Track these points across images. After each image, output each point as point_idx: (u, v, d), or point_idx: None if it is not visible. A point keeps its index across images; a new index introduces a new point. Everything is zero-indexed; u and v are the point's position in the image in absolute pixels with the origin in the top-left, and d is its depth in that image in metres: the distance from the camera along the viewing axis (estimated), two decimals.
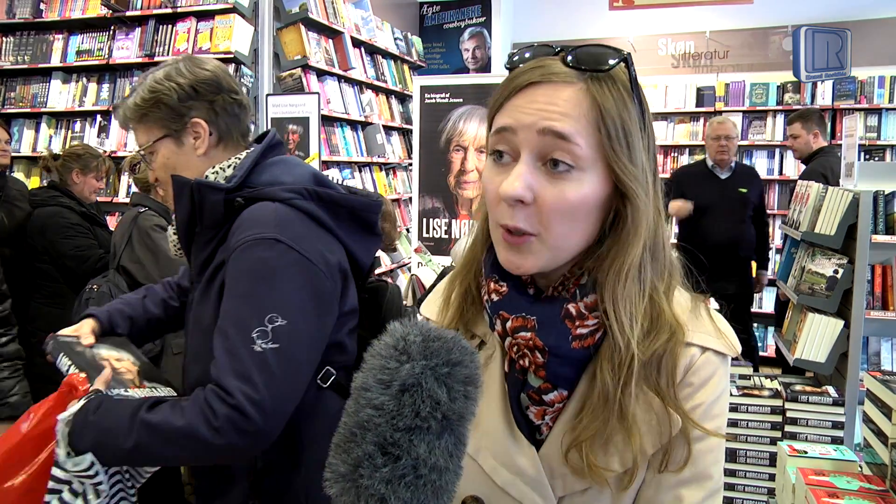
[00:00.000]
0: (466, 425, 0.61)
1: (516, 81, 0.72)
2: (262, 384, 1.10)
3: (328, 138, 4.54)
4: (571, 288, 0.74)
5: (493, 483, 0.77)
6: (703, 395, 0.73)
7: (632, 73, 0.71)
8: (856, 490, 1.31)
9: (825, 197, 2.61)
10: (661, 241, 0.76)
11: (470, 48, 6.94)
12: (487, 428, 0.78)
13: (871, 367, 2.62)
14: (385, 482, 0.55)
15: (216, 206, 1.24)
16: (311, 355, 1.21)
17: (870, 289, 2.54)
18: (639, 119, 0.72)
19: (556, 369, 0.73)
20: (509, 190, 0.69)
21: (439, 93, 4.21)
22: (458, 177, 4.20)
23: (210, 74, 1.32)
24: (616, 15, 6.02)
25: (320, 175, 1.35)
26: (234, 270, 1.18)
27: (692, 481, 0.73)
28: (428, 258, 4.07)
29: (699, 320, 0.76)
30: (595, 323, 0.72)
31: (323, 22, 4.52)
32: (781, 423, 2.19)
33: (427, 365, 0.58)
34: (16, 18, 4.56)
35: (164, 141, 1.31)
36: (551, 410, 0.75)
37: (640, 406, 0.72)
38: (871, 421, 1.42)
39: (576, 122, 0.68)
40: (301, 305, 1.17)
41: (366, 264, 1.38)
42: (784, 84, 5.87)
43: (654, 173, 0.75)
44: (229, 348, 1.12)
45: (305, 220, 1.24)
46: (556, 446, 0.75)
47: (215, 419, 1.08)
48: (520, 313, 0.73)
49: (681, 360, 0.73)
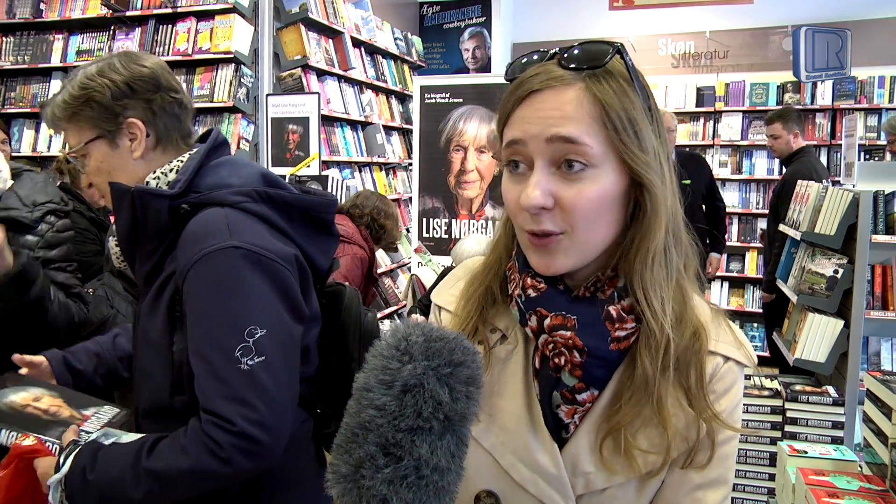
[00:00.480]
0: (468, 426, 0.61)
1: (518, 92, 0.73)
2: (259, 403, 1.05)
3: (328, 138, 4.54)
4: (607, 290, 0.74)
5: (511, 479, 0.78)
6: (725, 403, 0.76)
7: (628, 63, 0.72)
8: (856, 490, 1.31)
9: (825, 197, 2.61)
10: (679, 223, 0.77)
11: (470, 48, 6.94)
12: (507, 424, 0.79)
13: (871, 367, 2.61)
14: (387, 483, 0.55)
15: (160, 215, 1.16)
16: (295, 354, 1.16)
17: (870, 289, 2.54)
18: (643, 106, 0.72)
19: (592, 370, 0.74)
20: (529, 201, 0.70)
21: (439, 93, 4.21)
22: (458, 177, 4.20)
23: (148, 71, 1.23)
24: (616, 15, 6.02)
25: (270, 174, 1.27)
26: (197, 288, 1.10)
27: (712, 485, 0.76)
28: (428, 258, 4.07)
29: (722, 330, 0.79)
30: (633, 326, 0.74)
31: (323, 22, 4.52)
32: (781, 423, 2.19)
33: (429, 365, 0.58)
34: (16, 18, 4.56)
35: (96, 143, 1.22)
36: (581, 410, 0.76)
37: (673, 402, 0.74)
38: (871, 421, 1.42)
39: (581, 123, 0.69)
40: (274, 308, 1.12)
41: (323, 267, 1.31)
42: (784, 84, 5.87)
43: (668, 156, 0.75)
44: (215, 373, 1.06)
45: (257, 221, 1.17)
46: (581, 444, 0.76)
47: (221, 451, 1.03)
48: (559, 311, 0.74)
49: (707, 366, 0.76)
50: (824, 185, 2.78)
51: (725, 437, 0.76)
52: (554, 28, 6.74)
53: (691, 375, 0.74)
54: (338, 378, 1.32)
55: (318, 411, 1.30)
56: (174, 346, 1.14)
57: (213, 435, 1.03)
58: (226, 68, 4.08)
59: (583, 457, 0.75)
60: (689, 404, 0.74)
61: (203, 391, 1.07)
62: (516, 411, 0.78)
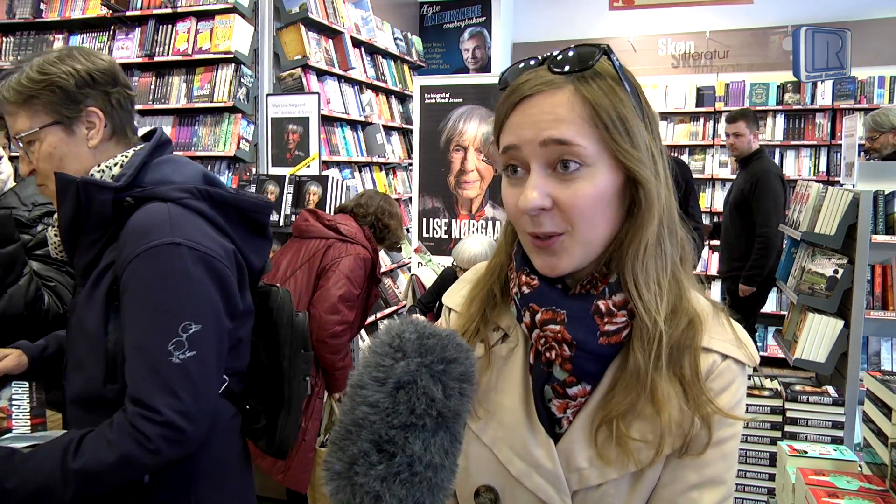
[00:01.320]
0: (462, 423, 0.61)
1: (510, 99, 0.75)
2: (187, 395, 1.10)
3: (328, 138, 4.54)
4: (600, 286, 0.76)
5: (508, 473, 0.79)
6: (723, 401, 0.76)
7: (615, 63, 0.74)
8: (856, 490, 1.31)
9: (825, 197, 2.61)
10: (673, 216, 0.78)
11: (470, 48, 6.94)
12: (505, 419, 0.80)
13: (871, 367, 2.61)
14: (380, 479, 0.55)
15: (104, 206, 1.18)
16: (223, 348, 1.21)
17: (870, 289, 2.54)
18: (634, 104, 0.74)
19: (582, 363, 0.75)
20: (527, 203, 0.72)
21: (439, 93, 4.21)
22: (458, 177, 4.20)
23: (107, 65, 1.25)
24: (616, 15, 6.02)
25: (210, 174, 1.31)
26: (136, 281, 1.13)
27: (708, 484, 0.75)
28: (428, 258, 4.07)
29: (722, 327, 0.79)
30: (623, 321, 0.75)
31: (323, 22, 4.52)
32: (781, 423, 2.19)
33: (422, 362, 0.58)
34: (16, 18, 4.56)
35: (52, 128, 1.21)
36: (573, 404, 0.77)
37: (668, 393, 0.74)
38: (871, 421, 1.42)
39: (573, 125, 0.71)
40: (211, 305, 1.16)
41: (256, 267, 1.34)
42: (784, 84, 5.87)
43: (661, 152, 0.77)
44: (148, 364, 1.10)
45: (198, 218, 1.21)
46: (575, 439, 0.77)
47: (150, 442, 1.07)
48: (550, 306, 0.75)
49: (703, 363, 0.76)
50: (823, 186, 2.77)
51: (724, 434, 0.75)
52: (554, 28, 6.74)
53: (685, 366, 0.75)
54: (267, 375, 1.38)
55: (247, 407, 1.35)
56: (109, 336, 1.16)
57: (140, 427, 1.07)
58: (226, 68, 4.08)
59: (576, 452, 0.76)
60: (685, 395, 0.74)
61: (134, 381, 1.10)
62: (514, 406, 0.80)
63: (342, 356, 2.69)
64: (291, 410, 1.37)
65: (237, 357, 1.29)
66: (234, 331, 1.25)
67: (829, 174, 5.76)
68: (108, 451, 1.08)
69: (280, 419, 1.36)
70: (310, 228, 2.79)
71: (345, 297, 2.63)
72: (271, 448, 1.37)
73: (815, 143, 5.83)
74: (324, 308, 2.61)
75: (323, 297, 2.63)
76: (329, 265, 2.69)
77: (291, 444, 1.39)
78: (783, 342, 2.84)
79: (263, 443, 1.37)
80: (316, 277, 2.70)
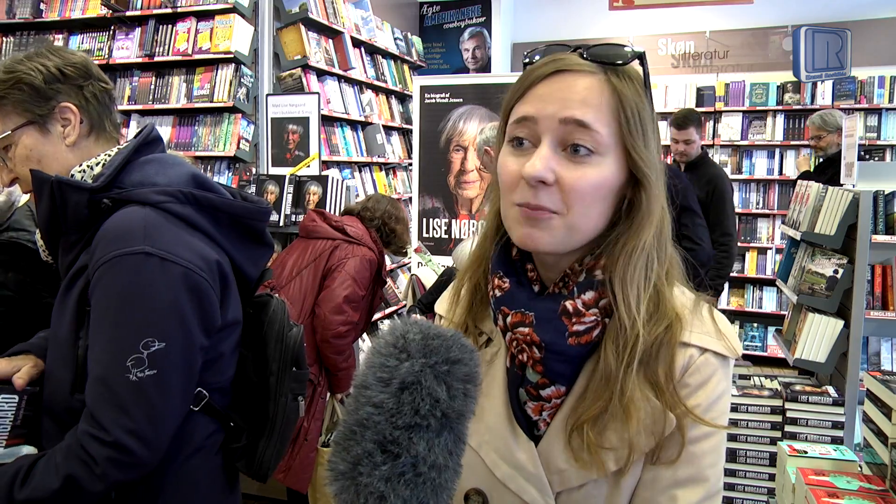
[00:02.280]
0: (466, 423, 0.61)
1: (537, 72, 0.75)
2: (141, 414, 1.03)
3: (328, 138, 4.54)
4: (570, 285, 0.76)
5: (494, 477, 0.79)
6: (701, 397, 0.74)
7: (646, 71, 0.75)
8: (856, 490, 1.31)
9: (825, 197, 2.61)
10: (667, 234, 0.78)
11: (470, 48, 6.94)
12: (490, 423, 0.80)
13: (871, 367, 2.61)
14: (384, 480, 0.55)
15: (79, 208, 1.11)
16: (193, 367, 1.12)
17: (870, 289, 2.54)
18: (651, 113, 0.75)
19: (552, 365, 0.74)
20: (532, 170, 0.71)
21: (439, 93, 4.21)
22: (458, 177, 4.20)
23: (79, 60, 1.20)
24: (616, 15, 6.02)
25: (201, 176, 1.22)
26: (102, 291, 1.06)
27: (688, 482, 0.74)
28: (428, 258, 4.07)
29: (700, 320, 0.77)
30: (592, 320, 0.74)
31: (323, 22, 4.52)
32: (781, 423, 2.19)
33: (427, 363, 0.58)
34: (16, 18, 4.55)
35: (25, 129, 1.15)
36: (549, 406, 0.77)
37: (639, 396, 0.73)
38: (871, 421, 1.42)
39: (596, 111, 0.72)
40: (180, 321, 1.08)
41: (252, 275, 1.26)
42: (784, 84, 5.87)
43: (661, 165, 0.77)
44: (103, 378, 1.04)
45: (179, 224, 1.13)
46: (553, 442, 0.76)
47: (96, 465, 1.01)
48: (519, 308, 0.75)
49: (679, 359, 0.74)
50: (823, 186, 2.77)
51: (700, 433, 0.73)
52: (554, 28, 6.73)
53: (659, 369, 0.73)
54: (254, 391, 1.28)
55: (230, 424, 1.25)
56: (80, 342, 1.10)
57: (88, 448, 1.01)
58: (226, 68, 4.07)
59: (555, 454, 0.76)
60: (658, 398, 0.73)
61: (90, 396, 1.05)
62: (497, 410, 0.80)
63: (345, 357, 2.70)
64: (274, 432, 1.27)
65: (218, 371, 1.21)
66: (214, 346, 1.17)
67: None
68: (53, 475, 1.01)
69: (261, 441, 1.26)
70: (317, 229, 2.80)
71: (350, 298, 2.64)
72: (251, 469, 1.28)
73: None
74: (329, 308, 2.62)
75: (328, 298, 2.64)
76: (335, 266, 2.70)
77: (273, 468, 1.30)
78: (783, 342, 2.84)
79: (243, 463, 1.28)
80: (322, 277, 2.71)
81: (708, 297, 0.80)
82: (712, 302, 0.81)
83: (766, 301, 5.85)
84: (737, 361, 2.56)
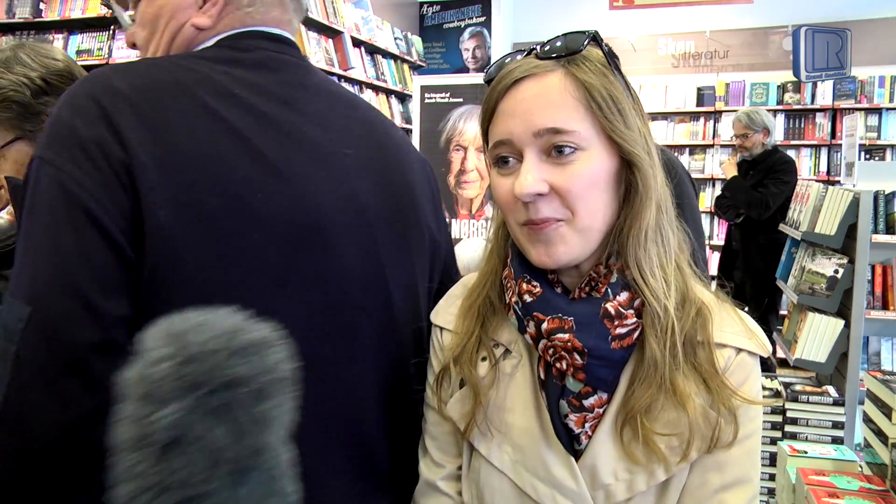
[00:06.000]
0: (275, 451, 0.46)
1: (499, 86, 0.73)
2: None
3: None
4: (601, 287, 0.73)
5: (529, 498, 0.74)
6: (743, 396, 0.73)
7: (604, 49, 0.73)
8: (856, 490, 1.31)
9: (825, 197, 2.61)
10: (669, 208, 0.76)
11: (470, 48, 6.94)
12: (519, 441, 0.76)
13: (871, 367, 2.61)
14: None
15: None
16: None
17: (870, 289, 2.54)
18: (623, 87, 0.73)
19: (595, 371, 0.72)
20: (523, 189, 0.69)
21: (439, 93, 4.21)
22: (458, 176, 4.20)
23: (62, 65, 1.16)
24: (616, 15, 6.02)
25: None
26: None
27: (735, 485, 0.72)
28: None
29: (730, 319, 0.76)
30: (633, 322, 0.72)
31: (323, 21, 4.51)
32: (781, 423, 2.19)
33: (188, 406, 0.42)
34: (16, 18, 4.55)
35: (16, 144, 1.14)
36: (591, 417, 0.73)
37: (689, 383, 0.71)
38: (871, 421, 1.42)
39: (566, 108, 0.70)
40: None
41: None
42: (784, 84, 5.87)
43: (651, 138, 0.75)
44: None
45: None
46: (597, 454, 0.73)
47: None
48: (556, 314, 0.72)
49: (718, 360, 0.73)
50: (823, 185, 2.77)
51: (748, 430, 0.72)
52: (554, 28, 6.65)
53: (700, 355, 0.72)
54: None
55: None
56: None
57: None
58: None
59: (601, 468, 0.72)
60: (706, 388, 0.71)
61: None
62: (527, 426, 0.76)
63: None
64: None
65: None
66: None
67: (829, 174, 5.75)
68: None
69: None
70: None
71: None
72: None
73: (815, 142, 5.82)
74: None
75: None
76: None
77: None
78: (783, 342, 2.84)
79: None
80: None
81: (722, 295, 0.79)
82: (730, 300, 0.79)
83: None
84: None
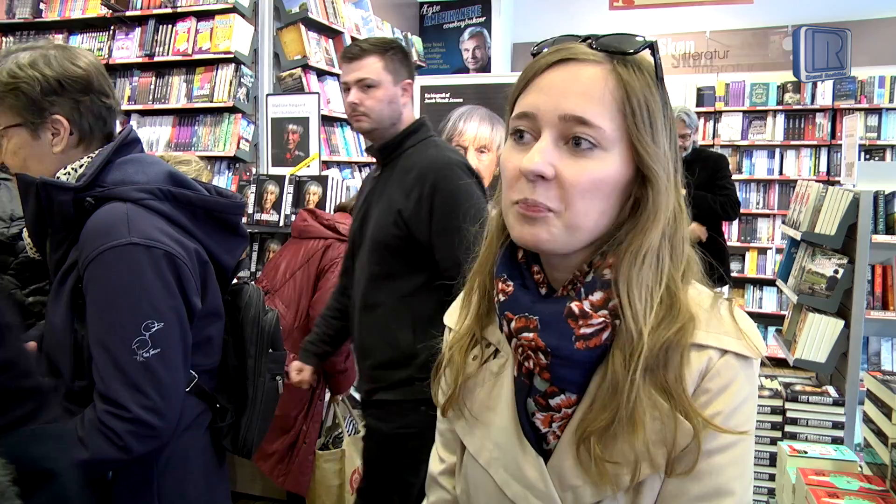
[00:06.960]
0: None
1: (541, 62, 0.71)
2: (153, 391, 1.13)
3: (328, 138, 4.53)
4: (578, 286, 0.71)
5: (505, 496, 0.75)
6: (722, 403, 0.68)
7: (657, 61, 0.71)
8: (856, 490, 1.31)
9: (825, 197, 2.61)
10: (682, 234, 0.73)
11: (470, 48, 6.93)
12: (498, 439, 0.76)
13: (871, 367, 2.61)
14: None
15: (65, 207, 1.18)
16: (187, 343, 1.22)
17: (870, 289, 2.53)
18: (662, 106, 0.71)
19: (560, 371, 0.70)
20: (530, 165, 0.67)
21: (439, 93, 4.21)
22: None
23: (82, 73, 1.23)
24: (616, 15, 6.01)
25: (177, 174, 1.29)
26: (96, 283, 1.15)
27: (713, 496, 0.69)
28: None
29: (718, 320, 0.71)
30: (601, 322, 0.69)
31: (323, 22, 4.51)
32: (781, 423, 2.19)
33: None
34: (16, 18, 4.55)
35: (17, 129, 1.21)
36: (558, 417, 0.72)
37: (646, 405, 0.68)
38: (871, 421, 1.42)
39: (600, 104, 0.68)
40: (171, 301, 1.17)
41: (228, 264, 1.35)
42: (784, 84, 5.87)
43: (676, 164, 0.73)
44: (114, 363, 1.13)
45: (158, 218, 1.21)
46: (564, 456, 0.72)
47: (119, 439, 1.11)
48: (523, 313, 0.71)
49: (695, 362, 0.69)
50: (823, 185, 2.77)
51: (723, 442, 0.68)
52: (554, 28, 6.66)
53: (669, 373, 0.68)
54: (234, 373, 1.39)
55: (217, 405, 1.36)
56: (76, 334, 1.19)
57: (110, 424, 1.11)
58: (226, 68, 4.07)
59: (567, 469, 0.71)
60: (672, 406, 0.67)
61: (101, 379, 1.13)
62: (504, 425, 0.76)
63: (343, 358, 2.68)
64: (255, 410, 1.38)
65: (206, 354, 1.31)
66: (202, 328, 1.27)
67: (829, 174, 5.75)
68: (80, 448, 1.10)
69: (243, 419, 1.37)
70: (308, 228, 2.78)
71: None
72: (236, 447, 1.38)
73: (815, 143, 5.82)
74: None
75: (323, 300, 2.59)
76: (328, 266, 2.67)
77: (257, 445, 1.41)
78: (783, 342, 2.84)
79: (228, 441, 1.38)
80: (315, 278, 2.68)
81: (722, 294, 0.75)
82: (732, 300, 0.75)
83: (766, 301, 5.85)
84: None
